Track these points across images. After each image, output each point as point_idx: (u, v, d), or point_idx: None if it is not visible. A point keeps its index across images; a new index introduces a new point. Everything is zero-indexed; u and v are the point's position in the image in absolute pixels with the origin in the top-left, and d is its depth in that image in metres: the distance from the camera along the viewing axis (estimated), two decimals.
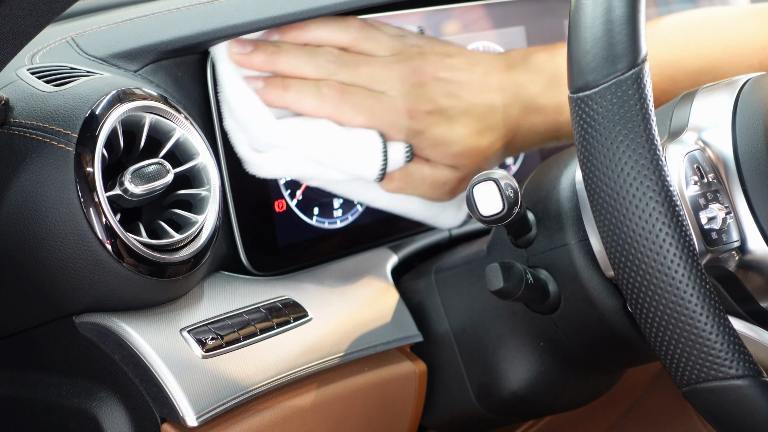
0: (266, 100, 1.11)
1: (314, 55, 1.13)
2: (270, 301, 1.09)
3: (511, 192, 0.98)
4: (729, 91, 1.01)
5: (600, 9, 0.89)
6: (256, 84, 1.11)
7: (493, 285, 1.00)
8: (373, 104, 1.14)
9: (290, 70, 1.12)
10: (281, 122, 1.12)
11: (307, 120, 1.13)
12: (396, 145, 1.16)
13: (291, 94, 1.12)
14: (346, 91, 1.13)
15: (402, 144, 1.16)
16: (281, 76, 1.12)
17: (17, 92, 1.01)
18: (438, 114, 1.16)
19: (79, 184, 0.95)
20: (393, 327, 1.15)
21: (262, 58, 1.11)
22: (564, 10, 1.35)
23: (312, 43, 1.14)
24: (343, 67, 1.14)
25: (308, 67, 1.13)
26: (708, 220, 0.96)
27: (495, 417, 1.17)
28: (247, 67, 1.11)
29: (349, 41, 1.14)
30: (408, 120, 1.15)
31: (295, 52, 1.12)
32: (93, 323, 1.00)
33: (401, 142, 1.16)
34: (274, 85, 1.12)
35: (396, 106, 1.15)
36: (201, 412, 0.98)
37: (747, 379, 0.88)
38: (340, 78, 1.14)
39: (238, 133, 1.11)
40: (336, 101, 1.13)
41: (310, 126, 1.13)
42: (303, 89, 1.12)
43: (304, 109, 1.12)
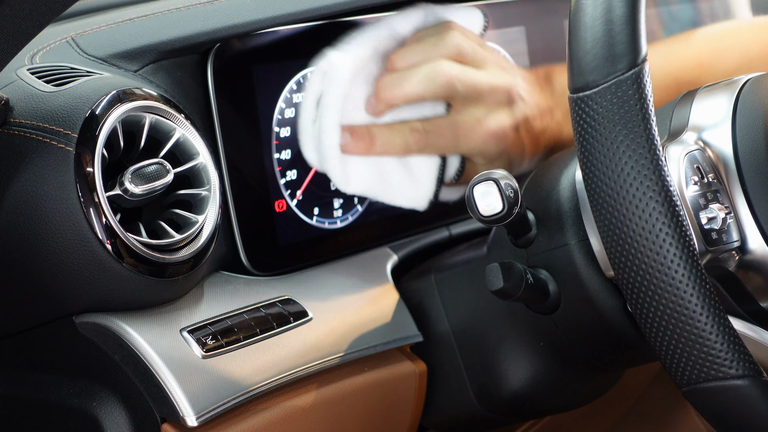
0: (355, 150, 1.15)
1: (402, 133, 1.16)
2: (270, 301, 1.09)
3: (511, 192, 0.98)
4: (729, 91, 1.01)
5: (600, 9, 0.89)
6: (343, 137, 1.14)
7: (493, 285, 1.00)
8: (457, 133, 1.17)
9: (383, 148, 1.16)
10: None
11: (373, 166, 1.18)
12: (452, 163, 1.20)
13: (377, 142, 1.16)
14: (430, 128, 1.17)
15: (456, 159, 1.20)
16: (366, 128, 1.16)
17: (17, 92, 1.01)
18: (527, 137, 1.21)
19: (79, 184, 0.95)
20: (393, 327, 1.15)
21: (363, 144, 1.15)
22: (564, 10, 1.35)
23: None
24: (429, 140, 1.17)
25: (395, 145, 1.17)
26: (708, 220, 0.96)
27: (495, 417, 1.17)
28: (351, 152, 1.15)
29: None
30: (497, 144, 1.19)
31: (382, 132, 1.16)
32: (93, 323, 1.00)
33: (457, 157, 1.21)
34: (361, 136, 1.15)
35: (485, 129, 1.18)
36: (201, 412, 0.99)
37: (747, 379, 0.88)
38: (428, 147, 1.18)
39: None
40: (421, 141, 1.17)
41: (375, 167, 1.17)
42: (388, 136, 1.16)
43: (393, 153, 1.17)
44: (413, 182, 1.19)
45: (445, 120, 1.18)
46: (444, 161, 1.20)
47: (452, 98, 1.17)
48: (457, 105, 1.18)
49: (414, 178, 1.19)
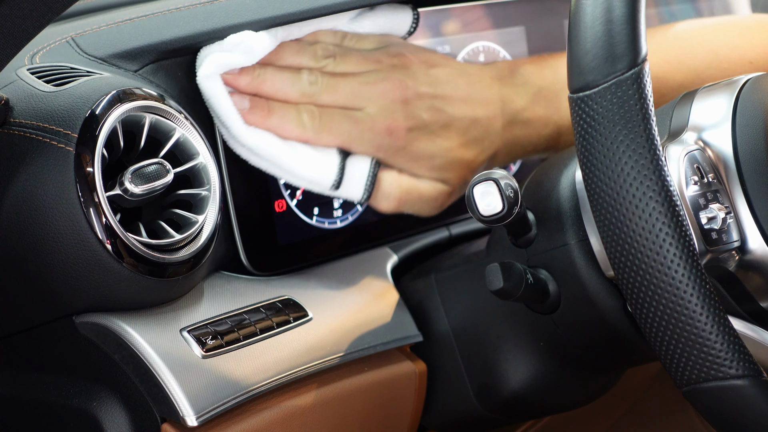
0: (249, 121, 1.10)
1: (297, 78, 1.12)
2: (270, 301, 1.09)
3: (511, 192, 0.98)
4: (729, 91, 1.01)
5: (600, 9, 0.89)
6: (242, 104, 1.10)
7: (493, 285, 1.00)
8: (350, 126, 1.13)
9: (274, 93, 1.11)
10: (254, 135, 1.11)
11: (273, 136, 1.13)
12: (359, 162, 1.15)
13: (274, 119, 1.11)
14: (324, 116, 1.13)
15: (367, 159, 1.15)
16: (264, 98, 1.12)
17: (17, 92, 1.01)
18: (419, 129, 1.15)
19: (79, 184, 0.95)
20: (393, 327, 1.15)
21: (248, 80, 1.10)
22: (564, 10, 1.35)
23: (291, 66, 1.13)
24: (325, 89, 1.13)
25: (291, 91, 1.12)
26: (708, 220, 0.96)
27: (495, 417, 1.17)
28: (232, 87, 1.10)
29: (322, 65, 1.13)
30: (387, 138, 1.14)
31: (278, 75, 1.12)
32: (93, 323, 1.00)
33: (369, 158, 1.15)
34: (260, 108, 1.11)
35: (374, 124, 1.13)
36: (201, 412, 0.99)
37: (747, 379, 0.88)
38: (321, 100, 1.13)
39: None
40: (315, 127, 1.12)
41: (275, 141, 1.13)
42: (285, 114, 1.11)
43: (284, 134, 1.12)
44: (316, 160, 1.14)
45: (338, 110, 1.14)
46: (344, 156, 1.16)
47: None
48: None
49: (317, 156, 1.14)
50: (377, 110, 1.13)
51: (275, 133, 1.12)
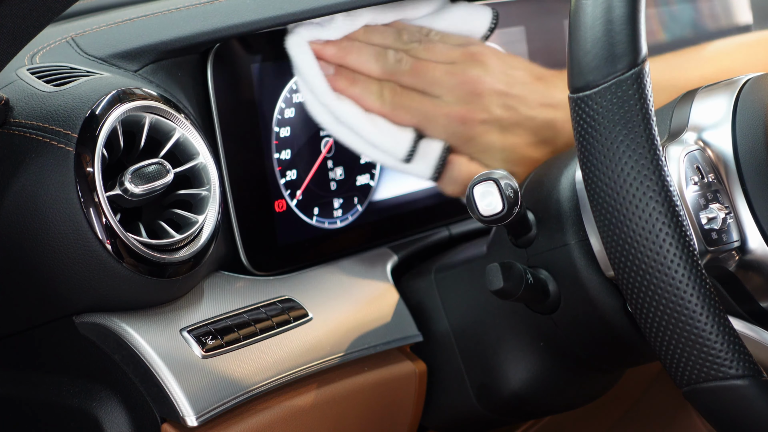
0: (333, 86, 1.16)
1: (382, 56, 1.17)
2: (270, 301, 1.09)
3: (511, 192, 0.98)
4: (729, 91, 1.01)
5: (600, 9, 0.89)
6: (328, 69, 1.16)
7: (493, 285, 1.00)
8: (427, 109, 1.17)
9: (359, 66, 1.17)
10: (339, 102, 1.17)
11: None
12: (432, 143, 1.19)
13: (356, 88, 1.17)
14: (404, 95, 1.18)
15: (440, 142, 1.19)
16: (350, 70, 1.17)
17: (17, 92, 1.01)
18: (491, 123, 1.18)
19: (79, 184, 0.95)
20: (393, 327, 1.15)
21: (335, 51, 1.16)
22: (564, 10, 1.35)
23: (379, 45, 1.18)
24: (408, 70, 1.17)
25: (375, 66, 1.17)
26: (708, 220, 0.96)
27: (495, 417, 1.17)
28: (319, 56, 1.16)
29: (408, 47, 1.18)
30: (460, 126, 1.17)
31: (364, 50, 1.17)
32: (93, 323, 1.00)
33: (442, 141, 1.19)
34: (344, 76, 1.17)
35: (450, 111, 1.17)
36: (201, 412, 0.99)
37: (747, 379, 0.88)
38: (403, 80, 1.18)
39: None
40: (393, 104, 1.17)
41: (356, 110, 1.18)
42: (367, 86, 1.17)
43: (364, 105, 1.17)
44: (392, 132, 1.19)
45: (415, 92, 1.18)
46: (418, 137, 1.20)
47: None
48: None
49: (393, 129, 1.19)
50: (454, 99, 1.17)
51: (357, 102, 1.17)
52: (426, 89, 1.18)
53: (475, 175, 1.16)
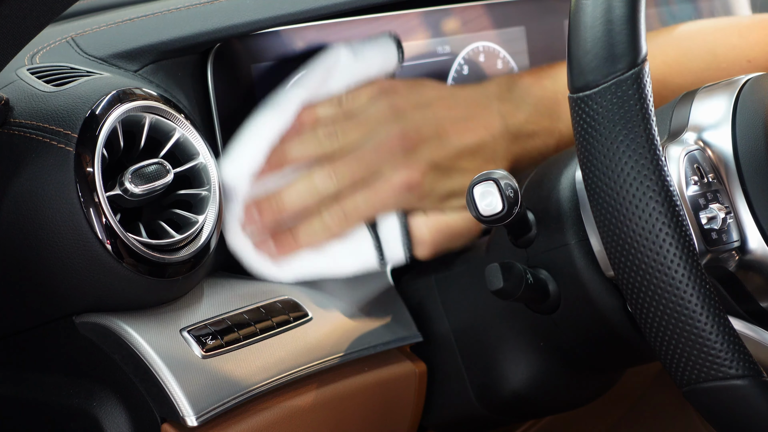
0: (281, 254, 1.11)
1: (310, 184, 1.11)
2: (270, 301, 1.09)
3: (511, 192, 0.98)
4: (729, 91, 1.01)
5: (600, 9, 0.89)
6: (269, 250, 1.11)
7: (493, 285, 1.00)
8: (371, 202, 1.12)
9: (295, 214, 1.11)
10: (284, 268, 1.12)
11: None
12: (388, 221, 1.14)
13: (302, 241, 1.11)
14: (346, 207, 1.12)
15: (392, 216, 1.14)
16: (286, 229, 1.12)
17: (17, 92, 1.01)
18: (433, 171, 1.14)
19: (79, 184, 0.95)
20: (393, 327, 1.15)
21: (271, 216, 1.11)
22: (564, 10, 1.35)
23: (296, 160, 1.12)
24: (339, 179, 1.12)
25: (311, 201, 1.11)
26: (708, 220, 0.96)
27: (495, 417, 1.17)
28: (261, 233, 1.11)
29: (327, 150, 1.12)
30: (407, 193, 1.13)
31: (293, 194, 1.11)
32: (93, 323, 1.00)
33: (394, 216, 1.14)
34: (285, 242, 1.11)
35: (392, 186, 1.12)
36: (201, 412, 0.98)
37: (747, 379, 0.88)
38: (340, 190, 1.12)
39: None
40: (342, 224, 1.12)
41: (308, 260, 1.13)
42: (311, 232, 1.12)
43: (317, 247, 1.12)
44: (352, 251, 1.14)
45: (357, 192, 1.13)
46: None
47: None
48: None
49: (351, 247, 1.15)
50: (391, 170, 1.12)
51: (307, 250, 1.12)
52: (363, 178, 1.12)
53: (436, 228, 1.15)
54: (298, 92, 1.12)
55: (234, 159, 1.08)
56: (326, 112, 1.13)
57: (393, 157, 1.13)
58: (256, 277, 1.10)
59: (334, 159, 1.12)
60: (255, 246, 1.10)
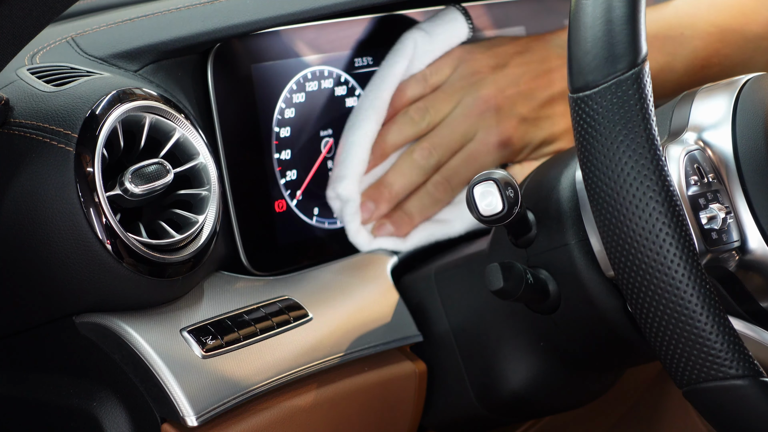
0: (401, 235, 1.20)
1: (413, 164, 1.20)
2: (270, 301, 1.09)
3: (511, 192, 0.98)
4: (729, 91, 1.01)
5: (600, 9, 0.89)
6: (384, 231, 1.19)
7: (493, 285, 1.00)
8: (472, 166, 1.21)
9: (404, 193, 1.20)
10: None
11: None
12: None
13: (416, 217, 1.20)
14: (450, 177, 1.21)
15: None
16: (399, 208, 1.20)
17: (17, 92, 1.01)
18: (523, 124, 1.22)
19: (79, 184, 0.95)
20: (393, 327, 1.15)
21: (384, 202, 1.19)
22: (564, 10, 1.35)
23: (390, 150, 1.21)
24: (439, 151, 1.20)
25: (418, 179, 1.20)
26: (708, 220, 0.96)
27: (495, 417, 1.17)
28: (378, 219, 1.20)
29: (423, 127, 1.20)
30: (504, 149, 1.22)
31: (399, 177, 1.19)
32: (93, 323, 1.00)
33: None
34: (401, 222, 1.20)
35: (489, 146, 1.21)
36: (201, 412, 0.99)
37: (747, 379, 0.88)
38: (443, 161, 1.20)
39: None
40: (449, 193, 1.21)
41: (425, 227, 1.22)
42: (421, 205, 1.20)
43: (430, 216, 1.21)
44: (462, 214, 1.23)
45: (456, 158, 1.21)
46: None
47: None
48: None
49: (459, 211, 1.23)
50: (484, 131, 1.21)
51: (423, 220, 1.21)
52: (461, 145, 1.21)
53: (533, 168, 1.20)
54: (386, 83, 1.19)
55: (346, 173, 1.17)
56: (414, 91, 1.21)
57: (483, 120, 1.21)
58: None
59: (429, 134, 1.20)
60: (375, 232, 1.19)
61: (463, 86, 1.21)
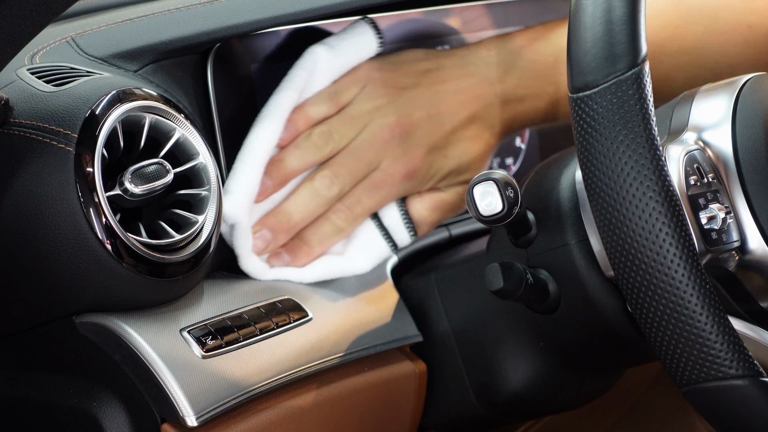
0: (299, 265, 1.13)
1: (314, 192, 1.13)
2: (270, 301, 1.09)
3: (511, 192, 0.98)
4: (729, 91, 1.01)
5: (600, 9, 0.89)
6: (280, 261, 1.12)
7: (493, 285, 1.00)
8: (376, 196, 1.15)
9: (305, 221, 1.13)
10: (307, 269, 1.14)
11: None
12: (388, 210, 1.18)
13: (315, 247, 1.14)
14: (353, 206, 1.14)
15: (394, 206, 1.18)
16: (297, 237, 1.14)
17: (17, 92, 1.01)
18: (430, 153, 1.16)
19: (79, 184, 0.95)
20: (393, 327, 1.15)
21: (281, 231, 1.12)
22: (564, 10, 1.35)
23: (291, 176, 1.13)
24: (343, 181, 1.14)
25: (319, 208, 1.14)
26: (708, 220, 0.96)
27: (495, 417, 1.17)
28: (274, 248, 1.13)
29: (327, 153, 1.13)
30: (409, 181, 1.16)
31: (298, 204, 1.13)
32: (93, 323, 1.00)
33: (393, 204, 1.18)
34: (299, 251, 1.13)
35: (394, 177, 1.15)
36: (201, 412, 0.98)
37: (747, 379, 0.88)
38: (346, 190, 1.14)
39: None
40: (351, 222, 1.15)
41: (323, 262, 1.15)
42: (322, 235, 1.14)
43: (329, 248, 1.15)
44: (366, 249, 1.18)
45: (359, 187, 1.15)
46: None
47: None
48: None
49: (363, 244, 1.18)
50: (389, 161, 1.15)
51: (322, 253, 1.15)
52: (366, 173, 1.15)
53: (433, 207, 1.17)
54: (285, 99, 1.12)
55: (234, 189, 1.08)
56: (317, 110, 1.14)
57: (389, 148, 1.15)
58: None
59: (332, 160, 1.14)
60: (270, 261, 1.12)
61: (369, 110, 1.15)
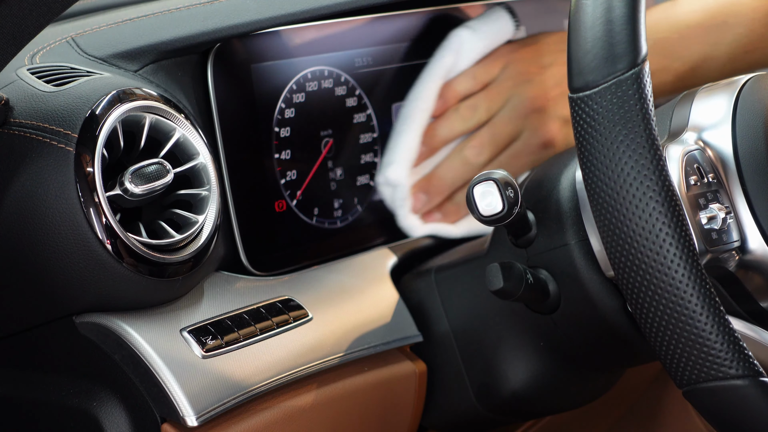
0: (449, 222, 1.26)
1: (462, 159, 1.25)
2: (270, 301, 1.09)
3: (511, 192, 0.98)
4: (729, 91, 1.01)
5: (600, 9, 0.89)
6: (433, 219, 1.25)
7: (493, 285, 1.00)
8: (517, 162, 1.26)
9: (454, 187, 1.25)
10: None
11: None
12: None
13: (463, 208, 1.26)
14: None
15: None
16: (448, 199, 1.26)
17: (17, 92, 1.01)
18: (566, 124, 1.26)
19: (79, 184, 0.95)
20: (393, 327, 1.15)
21: (435, 194, 1.24)
22: (564, 10, 1.35)
23: (442, 144, 1.26)
24: (488, 149, 1.25)
25: (465, 174, 1.25)
26: (708, 220, 0.96)
27: (495, 417, 1.17)
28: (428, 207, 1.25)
29: (474, 123, 1.25)
30: (548, 150, 1.27)
31: (447, 171, 1.25)
32: (93, 323, 1.00)
33: None
34: (450, 212, 1.26)
35: (532, 146, 1.26)
36: (201, 412, 0.99)
37: (747, 379, 0.88)
38: (490, 155, 1.26)
39: None
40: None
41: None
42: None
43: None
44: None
45: (502, 156, 1.26)
46: None
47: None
48: None
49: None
50: (529, 132, 1.26)
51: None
52: (509, 142, 1.25)
53: None
54: (435, 77, 1.24)
55: (396, 156, 1.22)
56: (464, 86, 1.25)
57: (529, 121, 1.25)
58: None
59: (479, 131, 1.25)
60: (424, 218, 1.24)
61: (510, 86, 1.25)
